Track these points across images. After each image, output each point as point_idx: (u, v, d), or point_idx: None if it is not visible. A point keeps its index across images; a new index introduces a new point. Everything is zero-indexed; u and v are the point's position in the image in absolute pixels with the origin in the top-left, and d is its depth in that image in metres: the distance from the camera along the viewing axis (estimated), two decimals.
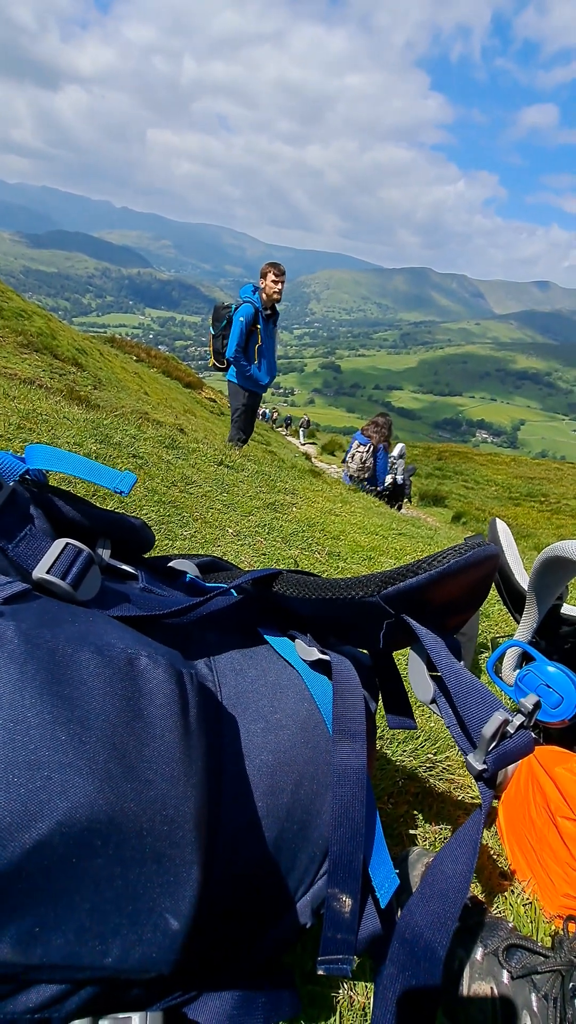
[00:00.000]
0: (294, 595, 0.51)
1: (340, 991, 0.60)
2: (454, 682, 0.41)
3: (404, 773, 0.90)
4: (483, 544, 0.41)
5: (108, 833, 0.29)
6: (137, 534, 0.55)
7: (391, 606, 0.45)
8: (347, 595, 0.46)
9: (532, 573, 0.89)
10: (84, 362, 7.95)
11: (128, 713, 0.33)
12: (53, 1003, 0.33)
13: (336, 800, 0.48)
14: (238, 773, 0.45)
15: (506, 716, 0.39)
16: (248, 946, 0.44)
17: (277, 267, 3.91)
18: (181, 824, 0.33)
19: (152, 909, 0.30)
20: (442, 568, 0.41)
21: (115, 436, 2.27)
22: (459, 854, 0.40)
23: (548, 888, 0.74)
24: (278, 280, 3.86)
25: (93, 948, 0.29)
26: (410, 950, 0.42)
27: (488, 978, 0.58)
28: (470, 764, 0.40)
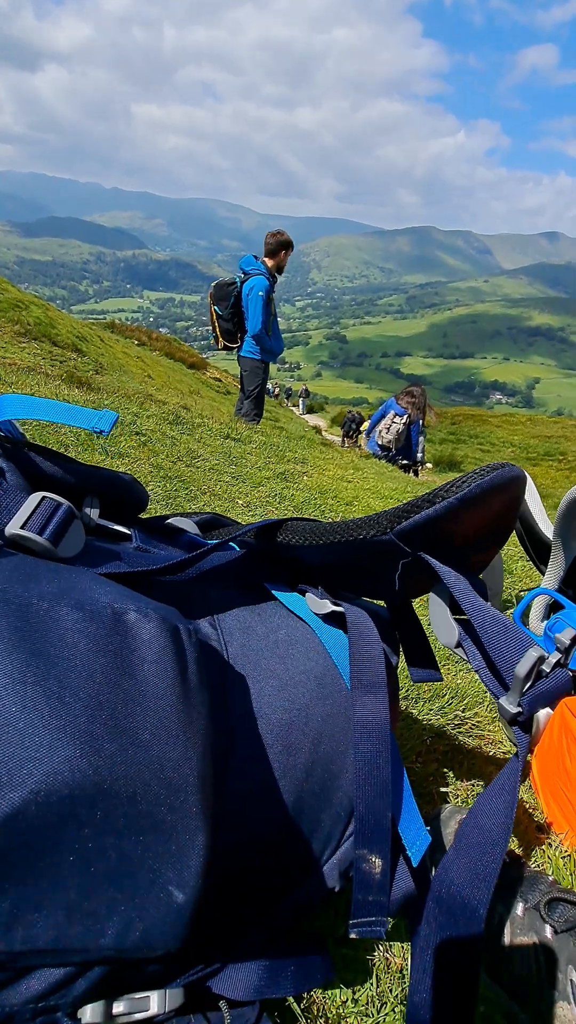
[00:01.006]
0: (300, 543, 0.47)
1: (376, 953, 0.57)
2: (481, 621, 0.37)
3: (432, 731, 0.87)
4: (506, 465, 0.37)
5: (94, 800, 0.26)
6: (128, 490, 0.51)
7: (406, 544, 0.40)
8: (357, 535, 0.42)
9: (557, 518, 0.83)
10: (85, 348, 7.88)
11: (115, 671, 0.30)
12: (57, 989, 0.30)
13: (359, 756, 0.44)
14: (249, 733, 0.41)
15: (541, 653, 0.34)
16: (266, 904, 0.42)
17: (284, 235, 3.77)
18: (182, 788, 0.29)
19: (153, 882, 0.27)
20: (462, 494, 0.36)
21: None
22: (496, 805, 0.37)
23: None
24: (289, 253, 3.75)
25: (86, 928, 0.26)
26: (447, 909, 0.39)
27: (530, 933, 0.56)
28: (503, 708, 0.36)
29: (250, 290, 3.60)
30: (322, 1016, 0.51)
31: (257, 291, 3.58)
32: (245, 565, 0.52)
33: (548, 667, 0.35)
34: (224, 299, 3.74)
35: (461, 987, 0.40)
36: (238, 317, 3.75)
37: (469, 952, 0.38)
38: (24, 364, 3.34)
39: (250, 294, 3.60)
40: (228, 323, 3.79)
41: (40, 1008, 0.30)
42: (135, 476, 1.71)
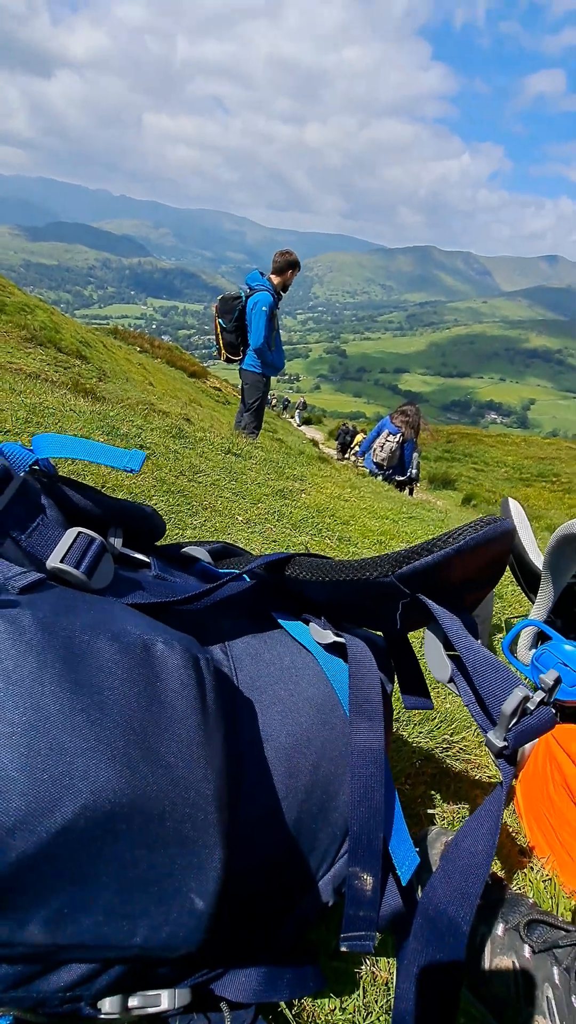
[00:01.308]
0: (307, 578, 0.51)
1: (363, 967, 0.60)
2: (472, 660, 0.41)
3: (421, 754, 0.90)
4: (498, 520, 0.41)
5: (131, 816, 0.29)
6: (149, 522, 0.55)
7: (407, 586, 0.44)
8: (361, 576, 0.46)
9: (547, 551, 0.88)
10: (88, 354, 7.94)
11: (146, 698, 0.33)
12: (83, 982, 0.34)
13: (355, 780, 0.48)
14: (256, 756, 0.45)
15: (526, 692, 0.38)
16: (272, 924, 0.45)
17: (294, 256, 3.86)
18: (203, 807, 0.33)
19: (178, 890, 0.31)
20: (458, 545, 0.40)
21: (122, 427, 2.27)
22: (481, 831, 0.40)
23: (567, 864, 0.74)
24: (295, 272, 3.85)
25: (121, 928, 0.29)
26: (433, 926, 0.42)
27: (510, 952, 0.59)
28: (490, 741, 0.40)
29: (254, 305, 3.68)
30: (312, 1022, 0.54)
31: (261, 306, 3.65)
32: (255, 595, 0.56)
33: (533, 704, 0.39)
34: (229, 312, 3.82)
35: (443, 999, 0.44)
36: (241, 330, 3.83)
37: (452, 966, 0.42)
38: (30, 370, 3.38)
39: (254, 309, 3.68)
40: (231, 335, 3.86)
41: (67, 997, 0.34)
42: (139, 489, 1.74)
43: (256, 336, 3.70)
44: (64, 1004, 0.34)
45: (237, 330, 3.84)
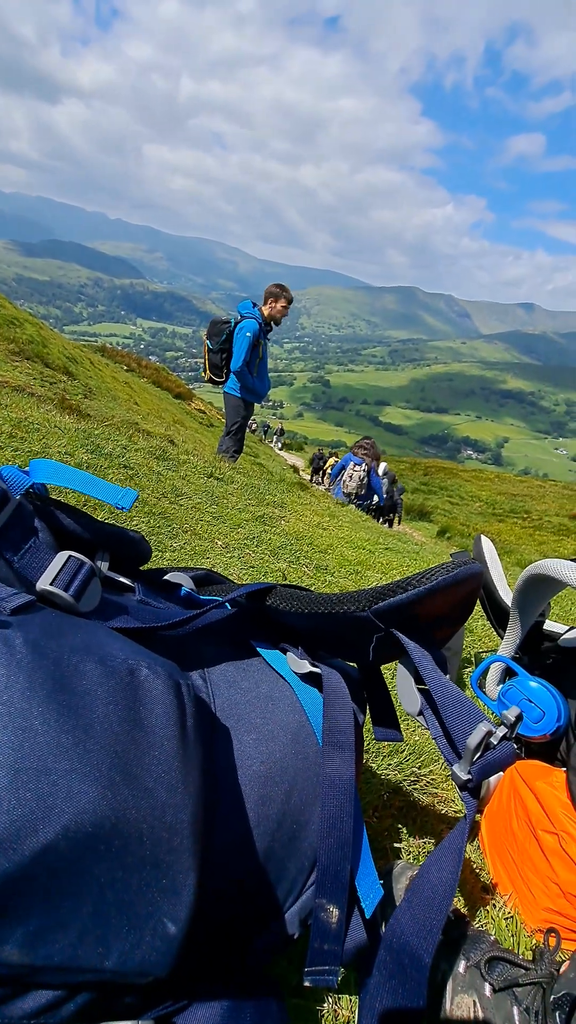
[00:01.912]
0: (287, 609, 0.53)
1: (325, 1004, 0.60)
2: (441, 695, 0.43)
3: (389, 786, 0.91)
4: (469, 563, 0.44)
5: (111, 838, 0.30)
6: (135, 547, 0.56)
7: (381, 621, 0.46)
8: (339, 610, 0.48)
9: (515, 590, 0.91)
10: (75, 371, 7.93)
11: (129, 722, 0.34)
12: (49, 1008, 0.33)
13: (325, 810, 0.49)
14: (231, 782, 0.46)
15: (489, 728, 0.40)
16: (238, 954, 0.45)
17: (287, 293, 4.01)
18: (179, 831, 0.34)
19: (151, 914, 0.31)
20: (431, 585, 0.43)
21: (106, 446, 2.27)
22: (444, 863, 0.42)
23: (529, 902, 0.75)
24: (287, 308, 3.99)
25: (95, 950, 0.29)
26: (397, 958, 0.43)
27: (471, 991, 0.59)
28: (455, 774, 0.42)
29: (240, 330, 3.83)
30: None
31: (245, 332, 3.81)
32: (235, 623, 0.58)
33: (496, 740, 0.41)
34: (217, 335, 3.97)
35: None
36: (227, 354, 3.97)
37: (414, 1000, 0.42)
38: (16, 383, 3.38)
39: (239, 334, 3.82)
40: (216, 356, 4.00)
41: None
42: (121, 513, 1.74)
43: (236, 358, 3.83)
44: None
45: (222, 352, 3.97)
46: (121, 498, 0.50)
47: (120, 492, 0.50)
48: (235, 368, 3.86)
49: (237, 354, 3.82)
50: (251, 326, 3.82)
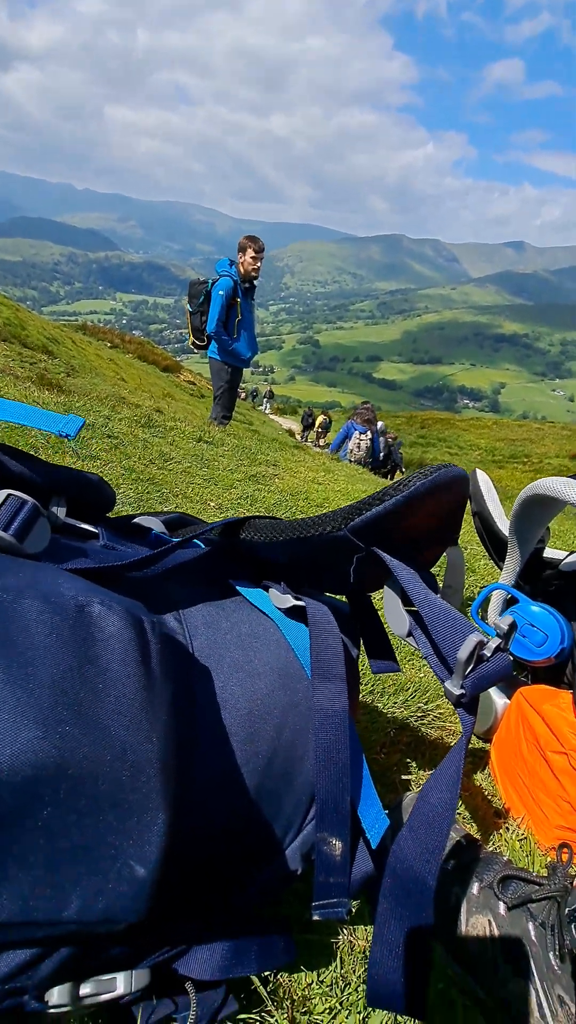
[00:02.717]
0: (262, 540, 0.49)
1: (340, 937, 0.60)
2: (428, 611, 0.40)
3: (396, 724, 0.90)
4: (449, 466, 0.39)
5: (57, 781, 0.27)
6: (95, 491, 0.52)
7: (360, 539, 0.43)
8: (314, 532, 0.44)
9: (512, 515, 0.88)
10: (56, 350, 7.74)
11: (78, 659, 0.31)
12: (23, 970, 0.31)
13: (318, 743, 0.47)
14: (214, 722, 0.43)
15: (480, 639, 0.37)
16: (236, 893, 0.43)
17: (256, 243, 3.80)
18: (143, 770, 0.31)
19: (115, 857, 0.29)
20: (408, 492, 0.39)
21: (88, 417, 2.21)
22: (443, 783, 0.39)
23: (542, 822, 0.75)
24: (257, 258, 3.79)
25: (50, 900, 0.27)
26: (402, 884, 0.41)
27: (485, 911, 0.59)
28: (448, 690, 0.39)
29: (213, 290, 3.69)
30: (288, 998, 0.53)
31: (218, 290, 3.66)
32: (210, 562, 0.54)
33: (489, 651, 0.38)
34: (195, 296, 3.83)
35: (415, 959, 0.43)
36: (206, 315, 3.81)
37: (421, 923, 0.41)
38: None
39: (213, 293, 3.67)
40: (196, 319, 3.86)
41: (7, 990, 0.31)
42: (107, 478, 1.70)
43: (210, 320, 3.69)
44: (3, 999, 0.32)
45: (201, 314, 3.82)
46: (65, 425, 0.45)
47: (63, 420, 0.46)
48: (209, 330, 3.72)
49: (211, 316, 3.68)
50: (224, 284, 3.66)
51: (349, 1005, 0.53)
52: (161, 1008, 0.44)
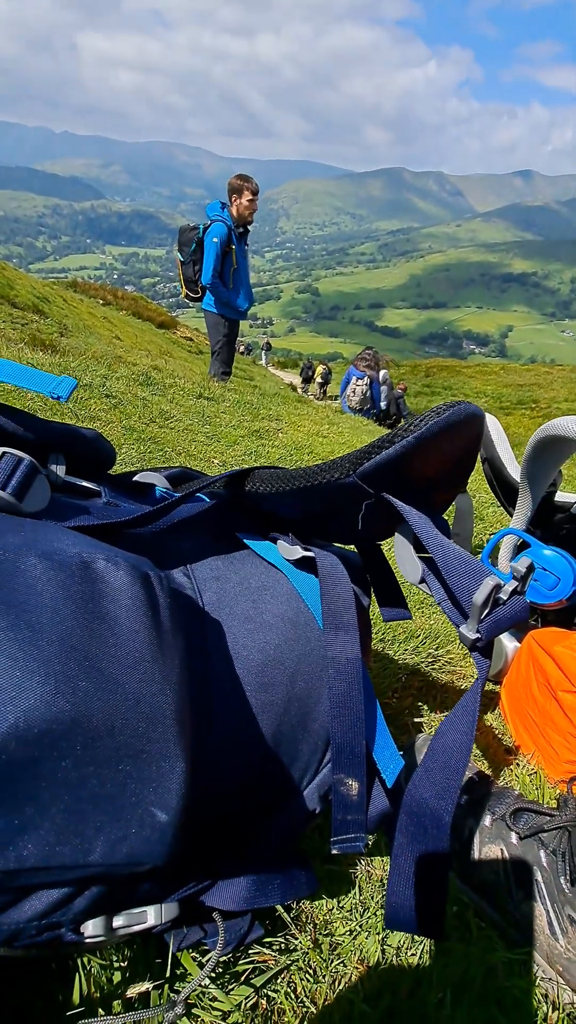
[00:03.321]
0: (268, 491, 0.48)
1: (358, 867, 0.62)
2: (441, 556, 0.39)
3: (407, 669, 0.91)
4: (463, 403, 0.37)
5: (73, 734, 0.27)
6: (92, 446, 0.50)
7: (369, 484, 0.41)
8: (321, 479, 0.43)
9: (524, 458, 0.85)
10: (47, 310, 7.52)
11: (86, 615, 0.31)
12: (58, 907, 0.33)
13: (333, 692, 0.47)
14: (227, 672, 0.43)
15: (497, 581, 0.36)
16: (259, 832, 0.45)
17: (251, 183, 3.53)
18: (159, 720, 0.31)
19: (136, 804, 0.29)
20: (420, 432, 0.37)
21: (85, 377, 2.16)
22: (459, 724, 0.40)
23: (552, 758, 0.77)
24: (254, 200, 3.52)
25: (75, 847, 0.28)
26: (417, 820, 0.42)
27: (497, 841, 0.61)
28: (463, 635, 0.38)
29: (207, 236, 3.43)
30: (310, 923, 0.56)
31: (211, 238, 3.39)
32: (216, 516, 0.53)
33: (505, 595, 0.37)
34: (186, 244, 3.55)
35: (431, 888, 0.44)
36: (200, 265, 3.57)
37: (437, 856, 0.42)
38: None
39: (206, 240, 3.43)
40: (189, 269, 3.61)
41: (43, 925, 0.33)
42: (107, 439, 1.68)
43: (205, 271, 3.44)
44: (42, 933, 0.33)
45: (194, 264, 3.59)
46: (57, 387, 0.44)
47: (56, 381, 0.44)
48: (205, 281, 3.49)
49: (206, 265, 3.42)
50: (218, 230, 3.39)
51: (368, 927, 0.56)
52: (191, 935, 0.46)
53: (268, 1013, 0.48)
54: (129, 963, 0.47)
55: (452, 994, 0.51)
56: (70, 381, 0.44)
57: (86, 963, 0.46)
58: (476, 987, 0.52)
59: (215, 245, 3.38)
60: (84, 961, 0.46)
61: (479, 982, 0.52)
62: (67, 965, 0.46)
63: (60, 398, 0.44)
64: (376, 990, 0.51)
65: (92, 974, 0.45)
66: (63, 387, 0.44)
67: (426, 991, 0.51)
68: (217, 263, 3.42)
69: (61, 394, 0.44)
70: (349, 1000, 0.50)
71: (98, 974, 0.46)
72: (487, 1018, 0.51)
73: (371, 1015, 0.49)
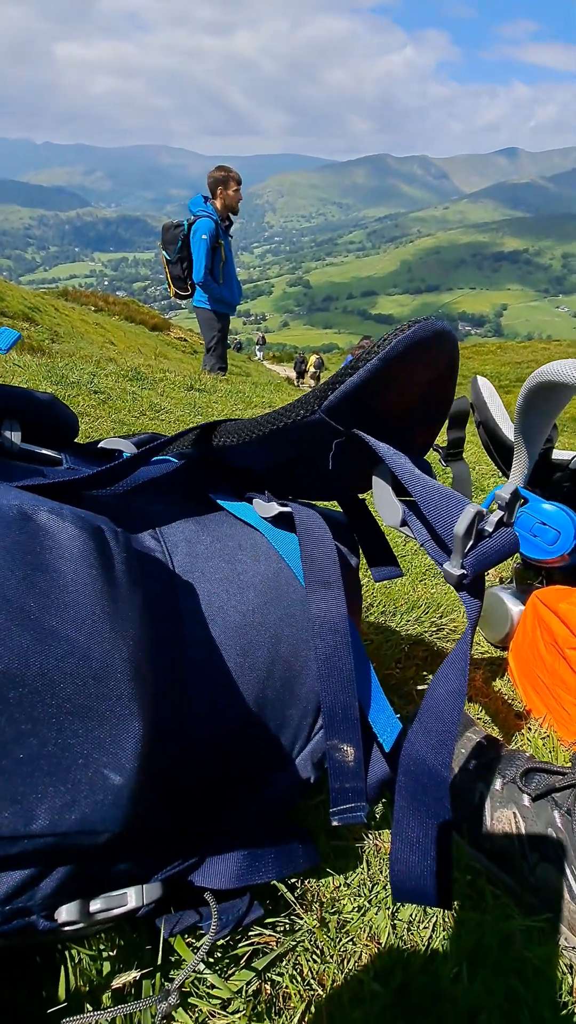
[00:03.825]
0: (236, 442, 0.45)
1: (365, 841, 0.59)
2: (420, 491, 0.36)
3: (410, 640, 0.88)
4: (430, 319, 0.34)
5: (5, 690, 0.25)
6: (49, 411, 0.47)
7: (337, 421, 0.38)
8: (287, 420, 0.39)
9: (517, 411, 0.82)
10: (38, 319, 7.51)
11: (24, 567, 0.28)
12: (22, 891, 0.30)
13: (319, 652, 0.44)
14: (202, 635, 0.40)
15: (478, 509, 0.33)
16: (243, 802, 0.42)
17: (233, 172, 3.47)
18: (110, 676, 0.28)
19: (85, 766, 0.27)
20: (384, 352, 0.33)
21: (72, 376, 2.13)
22: (450, 673, 0.36)
23: (564, 719, 0.74)
24: (239, 188, 3.47)
25: (13, 814, 0.25)
26: (415, 778, 0.39)
27: (509, 804, 0.58)
28: (447, 572, 0.35)
29: (194, 234, 3.36)
30: (316, 902, 0.53)
31: (200, 234, 3.32)
32: (186, 477, 0.50)
33: (490, 526, 0.34)
34: (172, 242, 3.50)
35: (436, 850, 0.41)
36: (187, 262, 3.53)
37: (440, 816, 0.39)
38: None
39: (194, 237, 3.36)
40: (177, 268, 3.56)
41: (8, 911, 0.30)
42: (96, 432, 1.65)
43: (197, 268, 3.39)
44: (10, 920, 0.31)
45: (182, 261, 3.54)
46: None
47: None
48: (198, 279, 3.44)
49: (197, 263, 3.37)
50: (206, 226, 3.33)
51: (378, 903, 0.53)
52: (185, 919, 0.44)
53: (272, 998, 0.45)
54: (119, 952, 0.44)
55: (468, 966, 0.48)
56: (10, 333, 0.41)
57: (74, 955, 0.43)
58: (492, 957, 0.49)
59: (204, 242, 3.33)
60: (72, 953, 0.44)
61: (495, 952, 0.49)
62: (53, 958, 0.43)
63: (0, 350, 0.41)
64: (387, 967, 0.48)
65: (80, 965, 0.43)
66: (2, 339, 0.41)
67: (440, 965, 0.48)
68: (208, 259, 3.37)
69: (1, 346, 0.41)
70: (359, 979, 0.47)
71: (87, 966, 0.43)
72: (506, 989, 0.48)
73: (383, 994, 0.46)
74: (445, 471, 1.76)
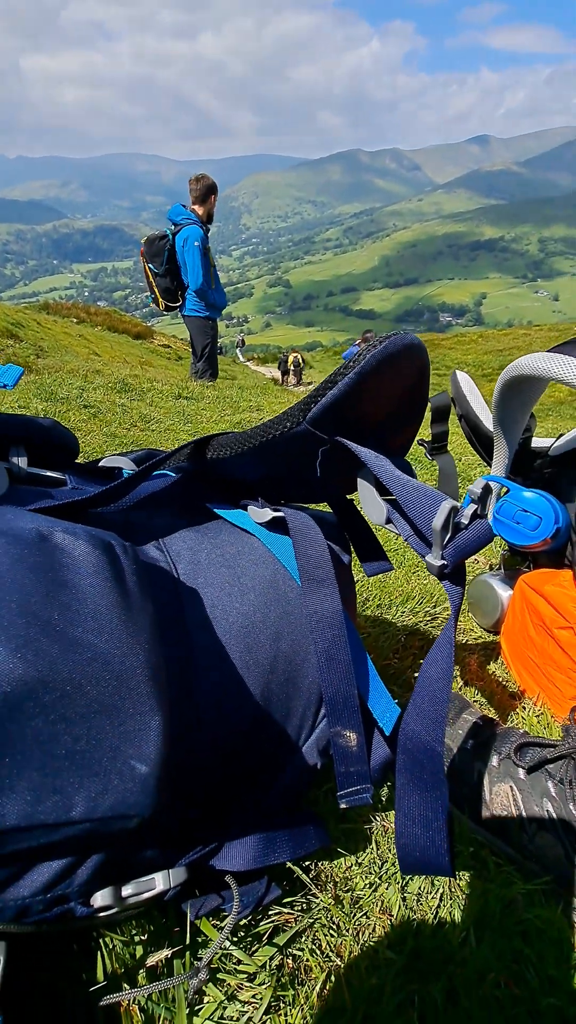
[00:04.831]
0: (228, 455, 0.48)
1: (374, 823, 0.63)
2: (400, 490, 0.39)
3: (406, 630, 0.91)
4: (400, 333, 0.37)
5: (38, 694, 0.28)
6: (49, 435, 0.50)
7: (321, 430, 0.41)
8: (276, 432, 0.43)
9: (494, 405, 0.85)
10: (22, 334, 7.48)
11: (46, 584, 0.31)
12: (61, 879, 0.33)
13: (318, 646, 0.47)
14: (209, 639, 0.44)
15: (453, 504, 0.37)
16: (260, 790, 0.45)
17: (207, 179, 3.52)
18: (131, 677, 0.31)
19: (114, 758, 0.30)
20: (360, 367, 0.37)
21: (61, 391, 2.16)
22: (438, 656, 0.40)
23: (556, 696, 0.77)
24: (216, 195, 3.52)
25: (55, 803, 0.28)
26: (413, 757, 0.42)
27: (506, 778, 0.61)
28: (429, 564, 0.38)
29: (185, 241, 3.34)
30: (330, 881, 0.56)
31: (193, 242, 3.32)
32: (184, 490, 0.53)
33: (466, 519, 0.37)
34: (158, 255, 3.48)
35: (437, 823, 0.45)
36: (175, 273, 3.52)
37: (437, 790, 0.42)
38: None
39: (186, 246, 3.34)
40: (165, 280, 3.54)
41: (50, 899, 0.33)
42: (89, 447, 1.67)
43: (195, 276, 3.38)
44: (51, 907, 0.34)
45: (170, 273, 3.52)
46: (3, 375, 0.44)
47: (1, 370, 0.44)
48: (196, 287, 3.42)
49: (194, 271, 3.36)
50: (196, 233, 3.32)
51: (388, 879, 0.56)
52: (209, 902, 0.47)
53: (294, 971, 0.48)
54: (150, 936, 0.47)
55: (474, 931, 0.51)
56: (15, 369, 0.45)
57: (108, 942, 0.46)
58: (496, 921, 0.52)
59: (198, 249, 3.32)
60: (106, 940, 0.47)
61: (499, 916, 0.53)
62: (89, 946, 0.46)
63: (6, 386, 0.44)
64: (400, 936, 0.52)
65: (114, 951, 0.46)
66: (8, 376, 0.44)
67: (449, 931, 0.52)
68: (206, 267, 3.38)
69: (7, 382, 0.44)
70: (374, 949, 0.51)
71: (121, 950, 0.46)
72: (512, 950, 0.51)
73: (397, 960, 0.49)
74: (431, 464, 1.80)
